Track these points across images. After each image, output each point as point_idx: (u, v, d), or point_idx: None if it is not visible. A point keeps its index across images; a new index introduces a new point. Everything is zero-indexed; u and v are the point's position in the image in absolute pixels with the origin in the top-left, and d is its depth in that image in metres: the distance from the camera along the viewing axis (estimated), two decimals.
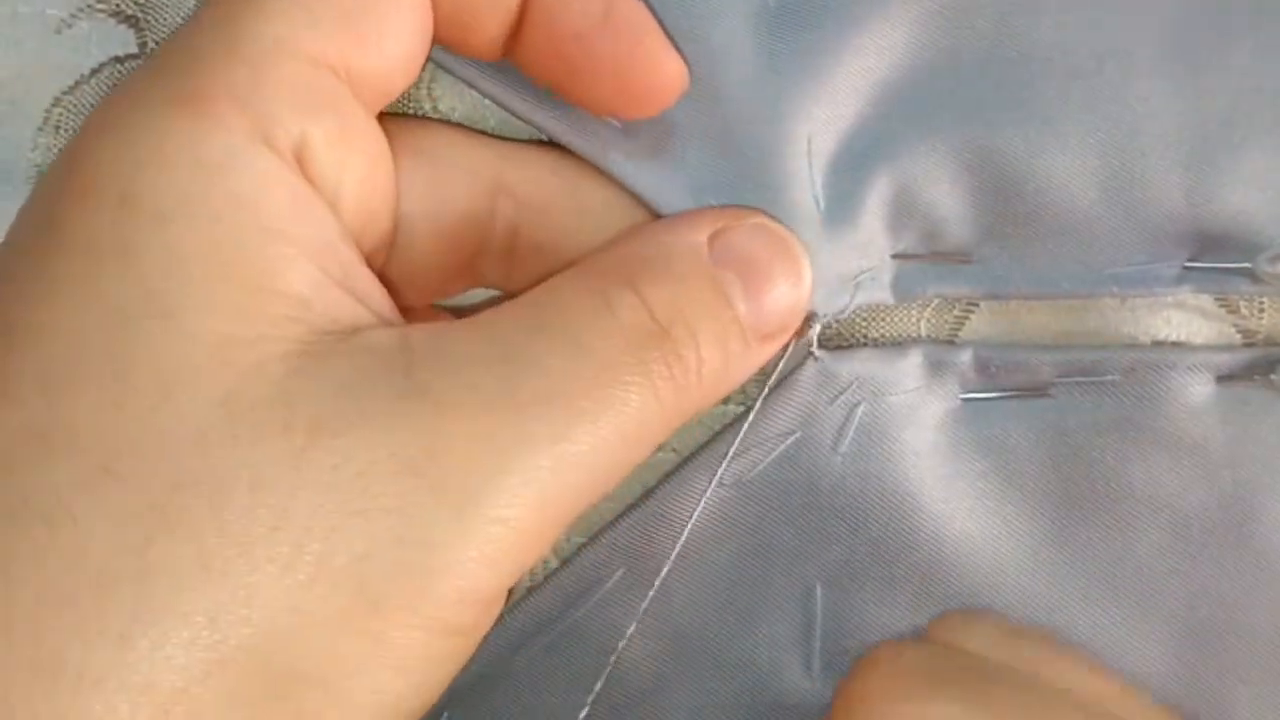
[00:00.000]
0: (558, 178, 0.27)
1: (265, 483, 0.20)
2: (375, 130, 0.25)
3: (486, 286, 0.29)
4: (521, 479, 0.21)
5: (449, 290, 0.28)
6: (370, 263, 0.25)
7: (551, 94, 0.26)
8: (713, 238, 0.26)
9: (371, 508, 0.20)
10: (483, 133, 0.28)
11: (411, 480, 0.21)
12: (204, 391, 0.20)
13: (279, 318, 0.21)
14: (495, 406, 0.22)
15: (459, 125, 0.29)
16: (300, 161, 0.23)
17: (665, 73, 0.25)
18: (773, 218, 0.27)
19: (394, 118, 0.27)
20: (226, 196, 0.21)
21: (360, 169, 0.24)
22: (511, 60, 0.26)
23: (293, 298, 0.21)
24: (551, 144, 0.28)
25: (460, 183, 0.27)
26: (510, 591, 0.27)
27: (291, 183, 0.22)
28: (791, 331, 0.27)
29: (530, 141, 0.28)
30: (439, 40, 0.25)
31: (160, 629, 0.19)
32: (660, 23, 0.26)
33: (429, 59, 0.26)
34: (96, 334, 0.20)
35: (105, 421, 0.20)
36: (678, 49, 0.26)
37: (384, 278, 0.25)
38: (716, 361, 0.24)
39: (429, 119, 0.28)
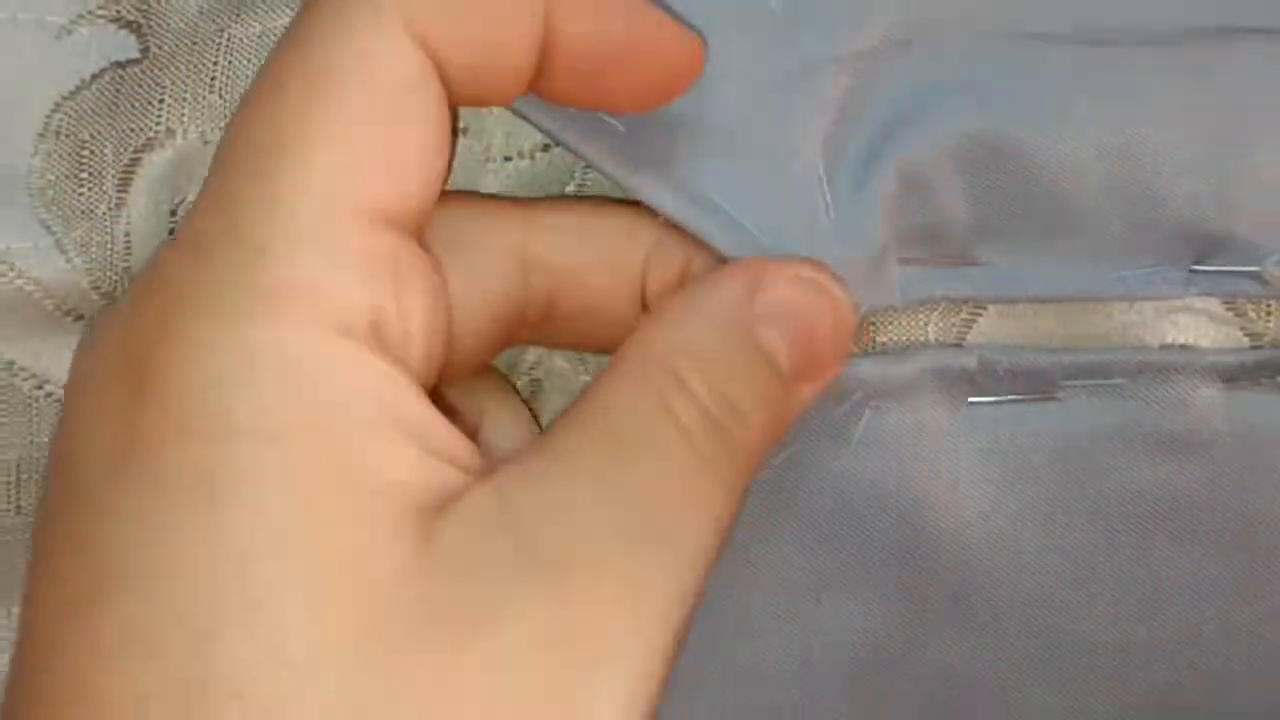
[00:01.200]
0: (584, 237, 0.27)
1: (428, 698, 0.20)
2: (429, 263, 0.24)
3: (526, 344, 0.29)
4: (654, 629, 0.22)
5: (489, 358, 0.28)
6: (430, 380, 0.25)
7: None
8: (748, 291, 0.25)
9: (530, 694, 0.20)
10: (498, 198, 0.28)
11: (556, 656, 0.21)
12: (346, 619, 0.20)
13: (396, 514, 0.21)
14: (604, 557, 0.22)
15: (475, 196, 0.28)
16: (377, 334, 0.22)
17: (690, 52, 0.25)
18: (807, 261, 0.27)
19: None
20: (321, 404, 0.21)
21: (426, 311, 0.23)
22: (535, 92, 0.25)
23: (400, 489, 0.21)
24: (573, 199, 0.28)
25: (490, 265, 0.26)
26: None
27: (375, 368, 0.21)
28: (834, 371, 0.26)
29: (552, 200, 0.28)
30: (458, 104, 0.24)
31: None
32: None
33: None
34: (225, 574, 0.20)
35: (247, 668, 0.19)
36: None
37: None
38: (770, 427, 0.25)
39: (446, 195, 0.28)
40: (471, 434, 0.27)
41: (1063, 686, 0.32)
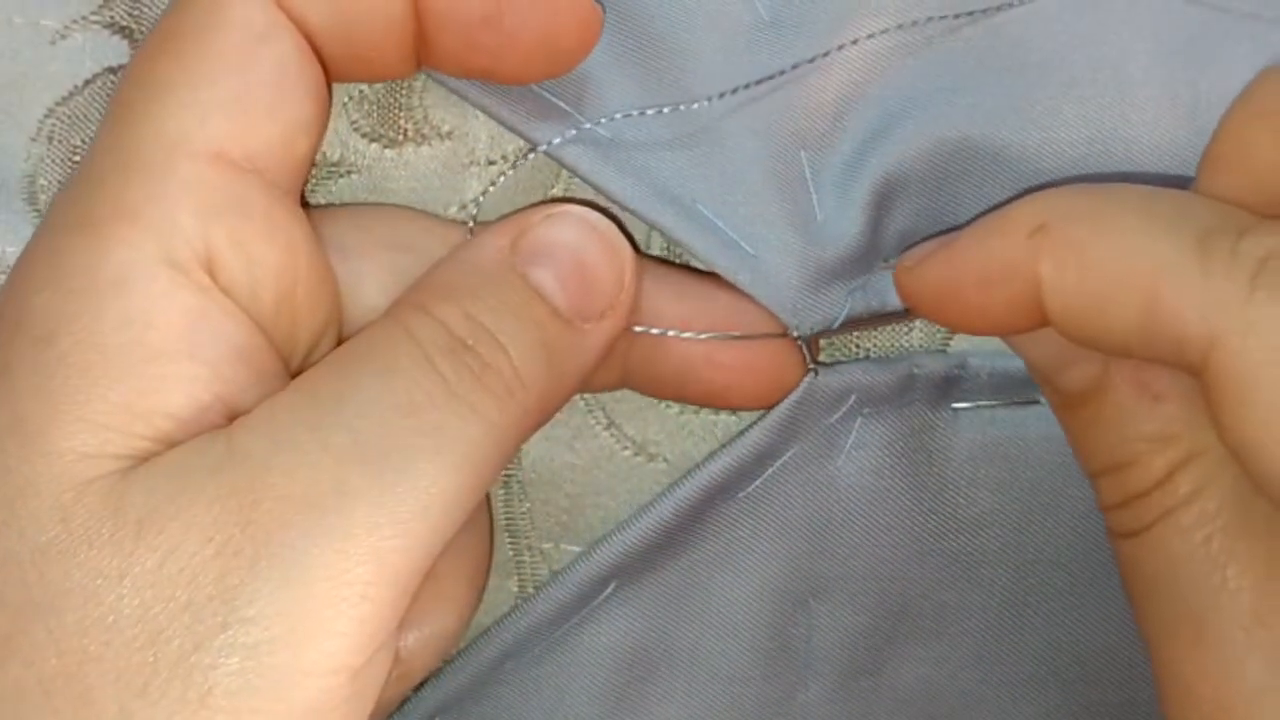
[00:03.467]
0: None
1: (96, 595, 0.20)
2: (289, 214, 0.24)
3: None
4: (342, 544, 0.21)
5: None
6: (312, 350, 0.25)
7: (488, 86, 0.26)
8: (516, 240, 0.25)
9: (196, 598, 0.20)
10: (433, 215, 0.28)
11: (230, 560, 0.20)
12: (45, 510, 0.21)
13: (146, 439, 0.21)
14: (309, 463, 0.21)
15: (409, 209, 0.28)
16: (210, 269, 0.22)
17: (581, 13, 0.25)
18: (577, 202, 0.26)
19: (360, 209, 0.28)
20: (116, 320, 0.21)
21: (276, 260, 0.23)
22: (429, 66, 0.25)
23: (169, 417, 0.22)
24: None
25: (417, 264, 0.26)
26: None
27: (189, 301, 0.22)
28: (624, 307, 0.26)
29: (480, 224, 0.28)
30: (346, 78, 0.25)
31: None
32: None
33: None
34: None
35: None
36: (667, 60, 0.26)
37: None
38: (538, 361, 0.24)
39: (383, 205, 0.28)
40: None
41: (1059, 692, 0.32)
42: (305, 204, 0.28)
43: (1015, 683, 0.32)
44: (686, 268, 0.29)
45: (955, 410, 0.30)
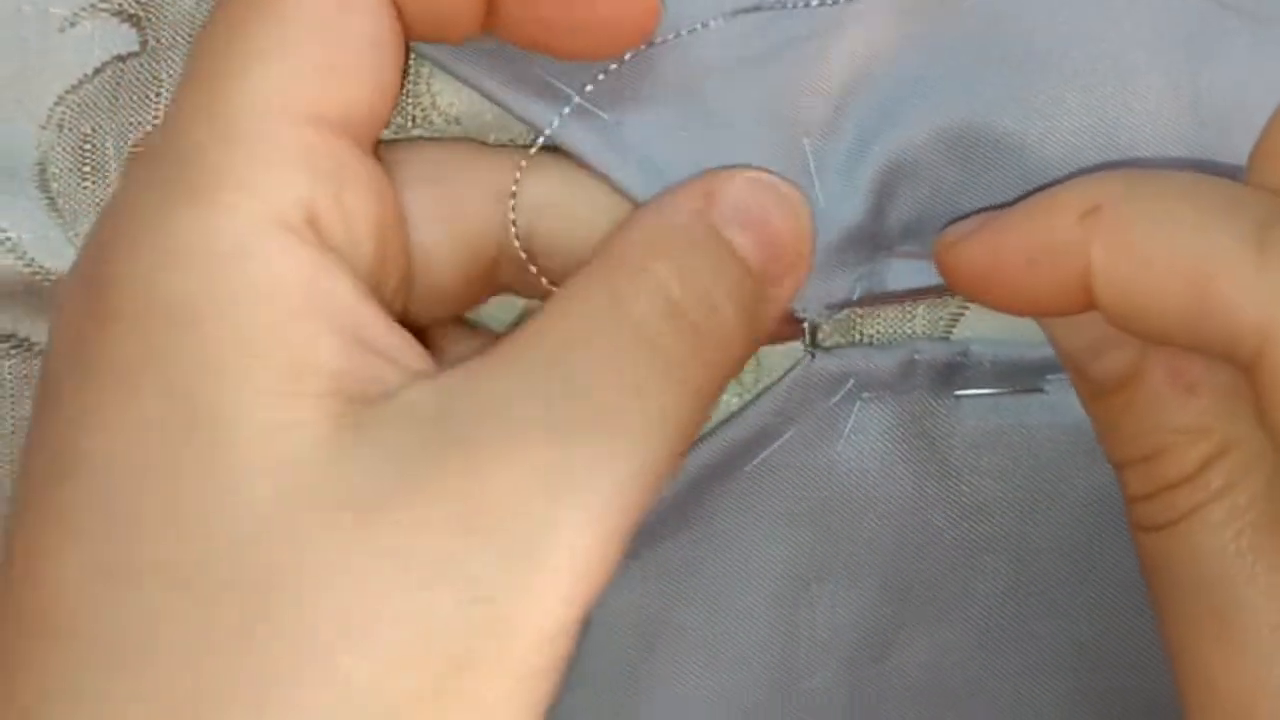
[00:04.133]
0: (564, 177, 0.27)
1: (324, 579, 0.20)
2: (376, 170, 0.24)
3: (509, 293, 0.29)
4: (576, 512, 0.21)
5: (472, 302, 0.29)
6: (394, 299, 0.25)
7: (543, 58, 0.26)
8: (708, 200, 0.25)
9: (434, 578, 0.20)
10: (486, 144, 0.28)
11: (466, 539, 0.21)
12: (256, 493, 0.20)
13: (316, 396, 0.21)
14: (534, 442, 0.21)
15: (462, 140, 0.29)
16: (314, 228, 0.23)
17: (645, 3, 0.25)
18: (756, 168, 0.26)
19: (395, 145, 0.27)
20: (245, 286, 0.21)
21: (371, 215, 0.24)
22: (490, 31, 0.25)
23: (325, 373, 0.21)
24: (555, 149, 0.28)
25: (469, 199, 0.27)
26: None
27: (306, 257, 0.22)
28: (804, 269, 0.26)
29: (525, 147, 0.28)
30: (419, 38, 0.25)
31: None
32: None
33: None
34: (144, 456, 0.21)
35: (166, 546, 0.20)
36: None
37: (406, 304, 0.26)
38: (743, 322, 0.24)
39: (430, 140, 0.28)
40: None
41: (1064, 679, 0.32)
42: None
43: (1020, 671, 0.32)
44: None
45: (957, 398, 0.30)
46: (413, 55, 0.28)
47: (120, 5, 0.28)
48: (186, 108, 0.23)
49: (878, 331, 0.30)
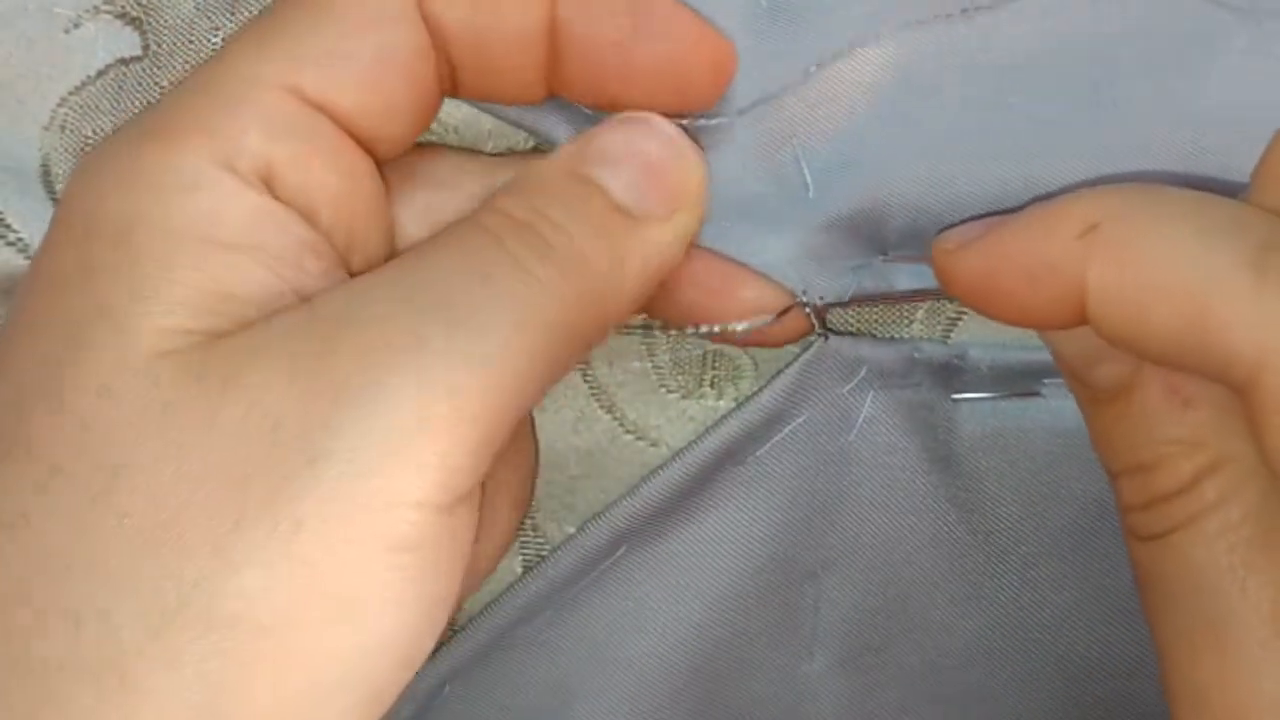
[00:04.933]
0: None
1: (186, 446, 0.22)
2: (357, 158, 0.25)
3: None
4: (419, 377, 0.22)
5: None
6: None
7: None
8: (582, 147, 0.26)
9: (282, 438, 0.21)
10: (477, 151, 0.29)
11: (312, 401, 0.22)
12: (137, 379, 0.22)
13: (225, 318, 0.23)
14: (385, 315, 0.22)
15: (454, 148, 0.29)
16: (268, 183, 0.24)
17: (714, 52, 0.26)
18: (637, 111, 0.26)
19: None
20: (185, 216, 0.23)
21: (334, 189, 0.25)
22: (559, 92, 0.26)
23: (245, 303, 0.23)
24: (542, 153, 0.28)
25: (455, 200, 0.27)
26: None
27: (254, 201, 0.23)
28: (696, 205, 0.26)
29: (523, 153, 0.29)
30: (473, 96, 0.26)
31: (112, 609, 0.21)
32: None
33: None
34: (52, 350, 0.22)
35: (53, 426, 0.22)
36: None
37: None
38: (600, 247, 0.25)
39: (425, 145, 0.29)
40: None
41: (1065, 685, 0.32)
42: None
43: (1022, 677, 0.32)
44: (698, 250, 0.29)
45: (955, 401, 0.30)
46: None
47: (123, 7, 0.28)
48: (201, 66, 0.25)
49: (877, 334, 0.30)
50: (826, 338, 0.29)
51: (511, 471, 0.28)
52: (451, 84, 0.26)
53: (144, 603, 0.21)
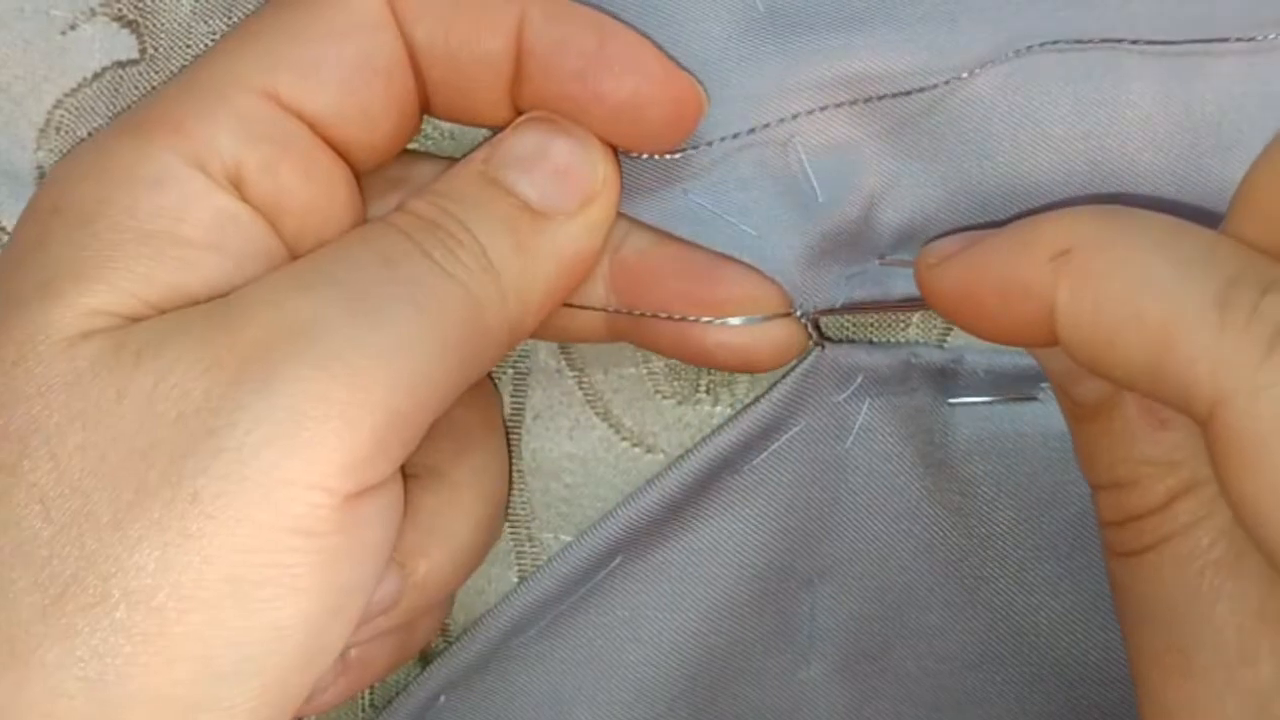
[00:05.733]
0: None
1: (95, 417, 0.22)
2: (331, 166, 0.25)
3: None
4: (318, 361, 0.22)
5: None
6: None
7: None
8: (489, 153, 0.26)
9: (186, 411, 0.22)
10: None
11: (216, 375, 0.22)
12: (54, 349, 0.22)
13: (162, 310, 0.23)
14: (291, 301, 0.23)
15: (434, 156, 0.29)
16: (237, 185, 0.24)
17: (678, 92, 0.26)
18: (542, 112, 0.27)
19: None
20: (150, 210, 0.23)
21: (304, 196, 0.25)
22: (521, 111, 0.26)
23: (186, 297, 0.23)
24: None
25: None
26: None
27: (221, 203, 0.24)
28: (606, 198, 0.26)
29: None
30: (443, 115, 0.27)
31: (13, 579, 0.21)
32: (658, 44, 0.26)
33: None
34: (12, 312, 0.23)
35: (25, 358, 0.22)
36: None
37: None
38: (508, 244, 0.25)
39: (408, 153, 0.29)
40: None
41: (1063, 690, 0.32)
42: None
43: (1020, 683, 0.32)
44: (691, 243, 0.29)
45: (952, 405, 0.30)
46: None
47: (120, 10, 0.28)
48: (183, 70, 0.26)
49: (873, 338, 0.30)
50: (823, 348, 0.29)
51: (481, 475, 0.29)
52: (426, 100, 0.26)
53: (41, 573, 0.21)
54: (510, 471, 0.31)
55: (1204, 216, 0.25)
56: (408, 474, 0.27)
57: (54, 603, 0.21)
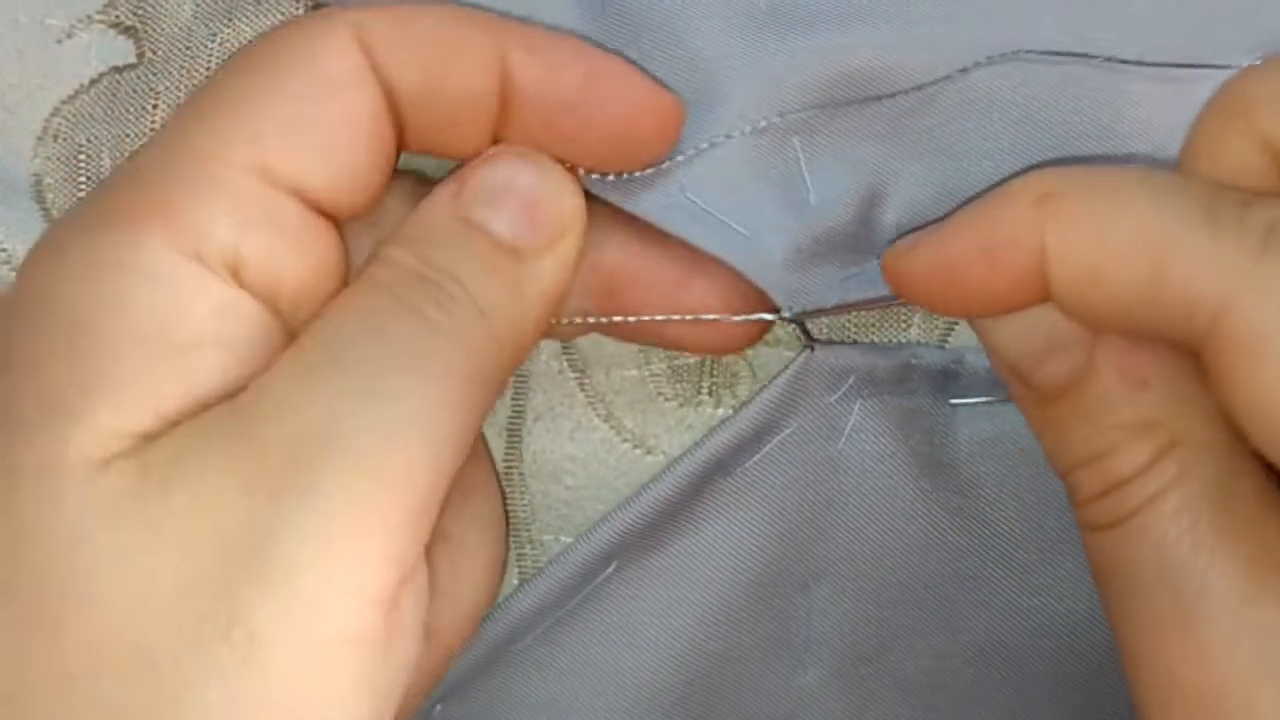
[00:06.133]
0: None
1: (134, 558, 0.21)
2: (326, 237, 0.25)
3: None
4: (350, 457, 0.22)
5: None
6: None
7: None
8: (459, 188, 0.26)
9: (226, 541, 0.21)
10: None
11: (253, 499, 0.22)
12: (76, 481, 0.22)
13: (177, 421, 0.22)
14: (306, 400, 0.22)
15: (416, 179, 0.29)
16: (234, 272, 0.24)
17: (663, 113, 0.26)
18: (512, 146, 0.26)
19: None
20: (147, 310, 0.23)
21: (300, 273, 0.24)
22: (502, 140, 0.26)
23: (199, 402, 0.23)
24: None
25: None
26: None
27: (218, 294, 0.23)
28: (575, 231, 0.26)
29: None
30: (420, 151, 0.26)
31: None
32: (642, 67, 0.26)
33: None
34: (11, 422, 0.22)
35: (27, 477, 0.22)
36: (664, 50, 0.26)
37: None
38: (495, 287, 0.25)
39: None
40: None
41: (1064, 689, 0.32)
42: None
43: (1019, 680, 0.32)
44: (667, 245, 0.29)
45: (953, 405, 0.30)
46: None
47: (117, 17, 0.28)
48: (154, 141, 0.24)
49: (873, 340, 0.30)
50: (813, 349, 0.29)
51: (483, 523, 0.29)
52: (403, 141, 0.26)
53: None
54: (507, 522, 0.31)
55: None
56: None
57: None
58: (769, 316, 0.28)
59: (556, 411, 0.31)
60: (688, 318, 0.28)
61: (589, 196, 0.27)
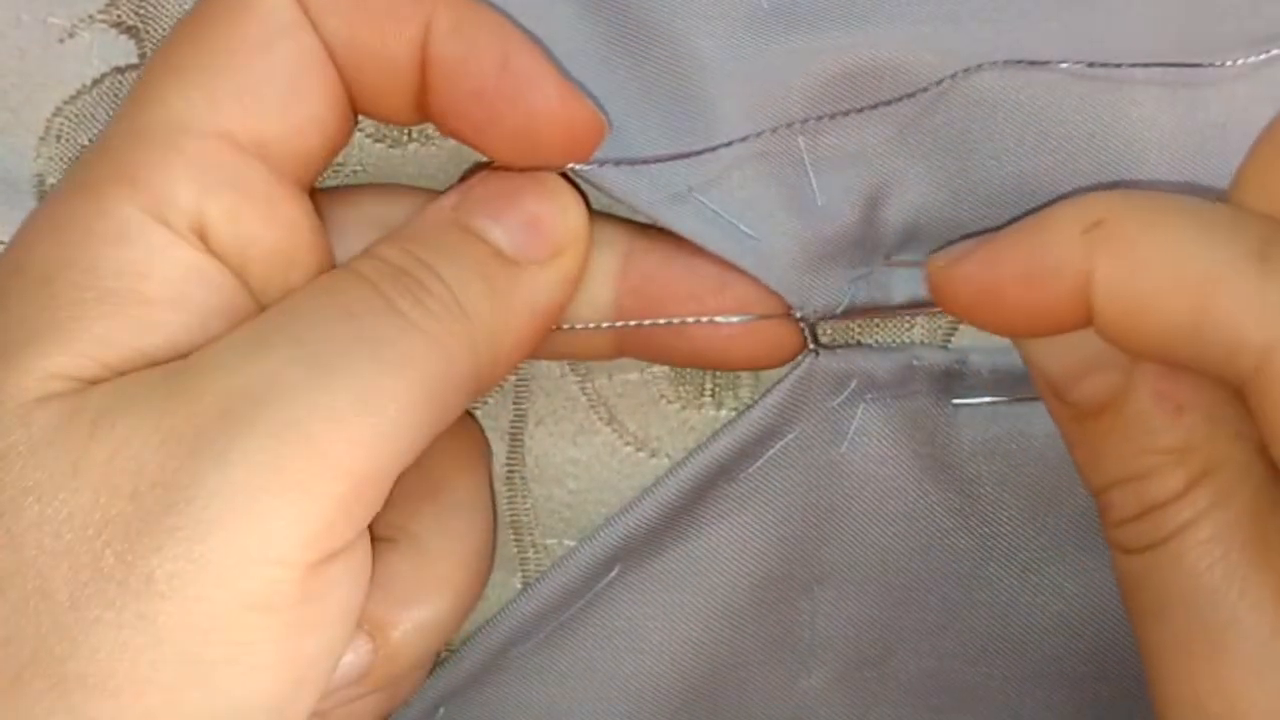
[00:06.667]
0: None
1: (51, 492, 0.21)
2: (294, 203, 0.25)
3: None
4: (275, 428, 0.21)
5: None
6: None
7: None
8: (461, 198, 0.26)
9: (141, 487, 0.21)
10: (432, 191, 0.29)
11: (173, 448, 0.21)
12: (9, 417, 0.22)
13: (120, 372, 0.22)
14: (250, 364, 0.22)
15: (410, 189, 0.29)
16: (202, 236, 0.24)
17: (576, 120, 0.25)
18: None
19: (356, 189, 0.28)
20: (112, 268, 0.23)
21: (269, 240, 0.24)
22: (429, 121, 0.26)
23: (146, 357, 0.23)
24: None
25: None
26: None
27: (184, 257, 0.23)
28: (577, 248, 0.26)
29: None
30: (361, 111, 0.26)
31: None
32: (566, 71, 0.26)
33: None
34: None
35: None
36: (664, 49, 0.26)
37: None
38: (481, 293, 0.25)
39: (386, 187, 0.29)
40: None
41: (1065, 688, 0.32)
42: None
43: (1020, 678, 0.32)
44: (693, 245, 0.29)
45: (956, 406, 0.30)
46: None
47: (119, 16, 0.28)
48: (119, 115, 0.25)
49: (875, 340, 0.30)
50: (817, 353, 0.29)
51: (458, 541, 0.28)
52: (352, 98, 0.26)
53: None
54: (495, 529, 0.30)
55: None
56: (382, 536, 0.27)
57: (11, 685, 0.21)
58: (770, 315, 0.28)
59: (559, 415, 0.31)
60: (702, 319, 0.28)
61: (608, 221, 0.27)
